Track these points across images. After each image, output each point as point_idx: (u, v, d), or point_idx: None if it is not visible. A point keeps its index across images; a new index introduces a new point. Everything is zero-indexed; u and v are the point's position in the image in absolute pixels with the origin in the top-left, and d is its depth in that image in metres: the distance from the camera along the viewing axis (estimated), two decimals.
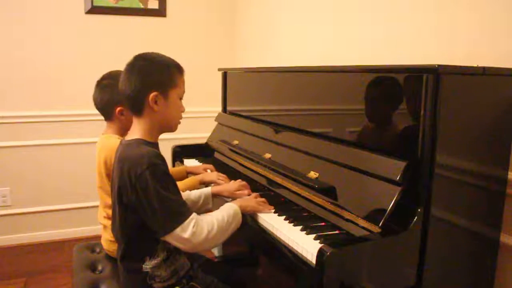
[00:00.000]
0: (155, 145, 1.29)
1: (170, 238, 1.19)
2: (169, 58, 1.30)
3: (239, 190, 1.54)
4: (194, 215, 1.20)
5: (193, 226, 1.17)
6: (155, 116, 1.26)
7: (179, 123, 1.34)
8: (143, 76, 1.23)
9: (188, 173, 1.89)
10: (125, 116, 1.56)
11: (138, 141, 1.25)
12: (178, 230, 1.16)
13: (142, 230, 1.21)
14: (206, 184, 1.74)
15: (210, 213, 1.28)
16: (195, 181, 1.72)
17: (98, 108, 1.61)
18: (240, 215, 1.32)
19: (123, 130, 1.58)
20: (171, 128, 1.32)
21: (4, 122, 2.75)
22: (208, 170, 1.88)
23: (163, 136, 1.33)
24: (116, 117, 1.57)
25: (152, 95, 1.23)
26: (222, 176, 1.73)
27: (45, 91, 2.82)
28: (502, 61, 1.27)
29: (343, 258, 1.03)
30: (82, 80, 2.84)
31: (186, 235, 1.17)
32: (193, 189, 1.70)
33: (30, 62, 2.77)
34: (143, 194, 1.16)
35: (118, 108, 1.55)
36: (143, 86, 1.23)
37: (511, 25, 1.28)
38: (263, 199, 1.45)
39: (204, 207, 1.50)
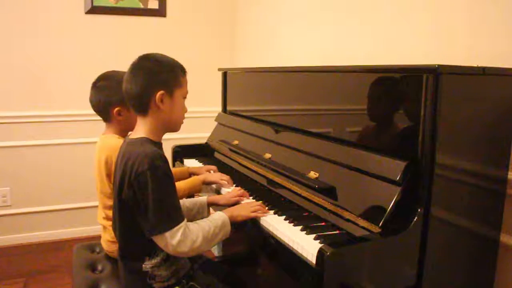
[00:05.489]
0: (159, 145, 1.30)
1: (156, 239, 1.20)
2: (173, 59, 1.31)
3: (235, 198, 1.53)
4: (184, 222, 1.20)
5: (181, 235, 1.18)
6: (160, 115, 1.27)
7: (182, 123, 1.35)
8: (150, 76, 1.24)
9: (191, 174, 1.88)
10: (123, 116, 1.56)
11: (143, 140, 1.26)
12: (166, 235, 1.17)
13: (140, 229, 1.21)
14: (208, 184, 1.73)
15: (198, 222, 1.28)
16: (197, 181, 1.71)
17: (95, 110, 1.60)
18: (229, 226, 1.32)
19: (122, 131, 1.58)
20: (175, 127, 1.33)
21: (4, 122, 2.75)
22: (212, 171, 1.87)
23: (163, 136, 1.34)
24: (114, 118, 1.57)
25: (158, 94, 1.23)
26: (225, 177, 1.73)
27: (45, 91, 2.82)
28: (502, 61, 1.27)
29: (343, 258, 1.03)
30: (82, 80, 2.81)
31: (173, 241, 1.18)
32: (195, 188, 1.69)
33: (30, 62, 2.77)
34: (140, 192, 1.17)
35: (116, 109, 1.54)
36: (149, 85, 1.24)
37: (510, 25, 1.28)
38: (258, 204, 1.43)
39: (198, 216, 1.49)
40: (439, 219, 1.14)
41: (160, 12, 3.01)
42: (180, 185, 1.60)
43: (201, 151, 2.26)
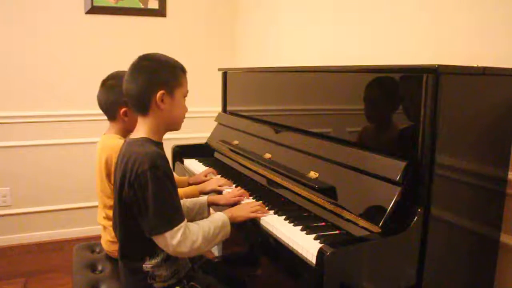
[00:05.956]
0: (160, 145, 1.30)
1: (156, 239, 1.20)
2: (173, 59, 1.31)
3: (235, 198, 1.53)
4: (184, 223, 1.20)
5: (181, 235, 1.18)
6: (161, 114, 1.27)
7: (183, 122, 1.35)
8: (150, 75, 1.24)
9: (190, 184, 1.87)
10: (129, 117, 1.56)
11: (144, 140, 1.26)
12: (166, 235, 1.17)
13: (141, 229, 1.21)
14: (206, 194, 1.73)
15: (198, 222, 1.28)
16: (195, 191, 1.70)
17: (102, 108, 1.60)
18: (228, 226, 1.32)
19: (126, 131, 1.58)
20: (176, 126, 1.33)
21: (4, 122, 2.75)
22: (211, 174, 1.86)
23: (164, 135, 1.34)
24: (120, 118, 1.57)
25: (159, 93, 1.23)
26: (221, 181, 1.72)
27: (45, 91, 2.82)
28: (502, 61, 1.27)
29: (343, 258, 1.03)
30: (82, 80, 2.84)
31: (173, 241, 1.17)
32: (193, 197, 1.69)
33: (30, 62, 2.77)
34: (140, 193, 1.17)
35: (123, 109, 1.55)
36: (150, 85, 1.24)
37: (511, 25, 1.28)
38: (258, 204, 1.43)
39: (199, 216, 1.49)
40: (439, 219, 1.14)
41: (160, 12, 3.01)
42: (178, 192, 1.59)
43: (201, 151, 2.26)
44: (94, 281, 1.51)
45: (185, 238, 1.19)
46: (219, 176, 1.85)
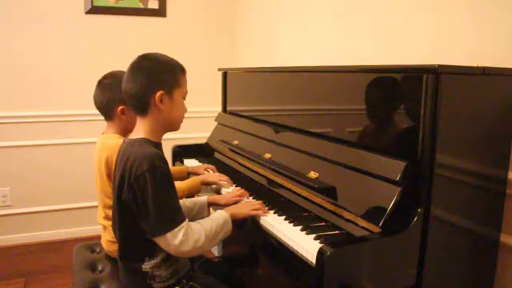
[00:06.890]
0: (158, 145, 1.29)
1: (157, 240, 1.20)
2: (172, 59, 1.31)
3: (235, 198, 1.54)
4: (185, 223, 1.20)
5: (183, 235, 1.18)
6: (160, 115, 1.26)
7: (182, 122, 1.35)
8: (149, 76, 1.24)
9: (189, 173, 1.89)
10: (126, 115, 1.56)
11: (142, 140, 1.25)
12: (167, 235, 1.17)
13: (140, 229, 1.21)
14: (207, 185, 1.73)
15: (199, 221, 1.28)
16: (196, 181, 1.71)
17: (98, 107, 1.60)
18: (230, 225, 1.32)
19: (124, 130, 1.58)
20: (175, 127, 1.33)
21: (4, 122, 2.75)
22: (210, 171, 1.87)
23: (163, 136, 1.34)
24: (117, 117, 1.57)
25: (158, 94, 1.23)
26: (224, 177, 1.73)
27: (45, 91, 2.82)
28: (502, 61, 1.27)
29: (343, 258, 1.03)
30: (82, 80, 2.84)
31: (175, 241, 1.17)
32: (194, 189, 1.70)
33: (30, 62, 2.77)
34: (140, 194, 1.17)
35: (120, 108, 1.55)
36: (149, 85, 1.23)
37: (511, 25, 1.28)
38: (258, 203, 1.43)
39: (199, 216, 1.49)
40: (439, 219, 1.14)
41: (160, 12, 3.01)
42: (179, 186, 1.60)
43: (201, 151, 2.26)
44: (94, 281, 1.51)
45: (187, 237, 1.19)
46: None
